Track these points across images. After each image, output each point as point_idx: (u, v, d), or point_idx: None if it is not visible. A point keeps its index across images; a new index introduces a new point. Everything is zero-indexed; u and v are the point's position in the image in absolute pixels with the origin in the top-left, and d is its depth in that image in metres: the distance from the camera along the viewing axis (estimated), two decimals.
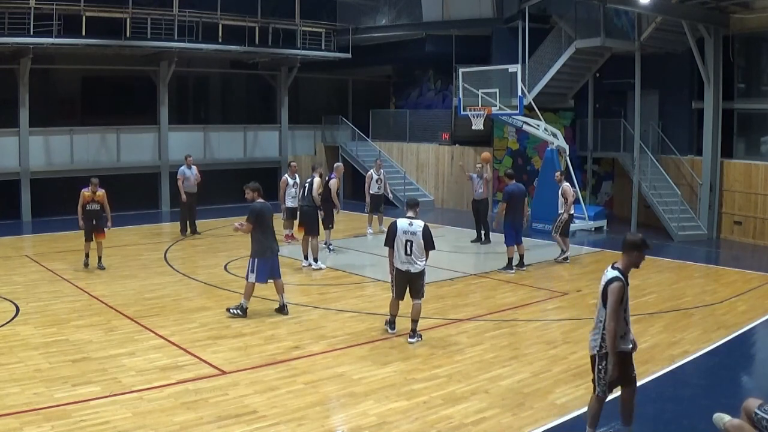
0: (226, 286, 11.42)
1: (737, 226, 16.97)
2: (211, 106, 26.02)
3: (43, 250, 14.70)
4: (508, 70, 17.57)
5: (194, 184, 16.08)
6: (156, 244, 15.09)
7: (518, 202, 12.80)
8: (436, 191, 23.16)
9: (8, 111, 18.97)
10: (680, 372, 7.75)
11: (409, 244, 8.42)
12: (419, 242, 8.40)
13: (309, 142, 25.94)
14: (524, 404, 6.68)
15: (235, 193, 22.96)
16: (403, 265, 8.51)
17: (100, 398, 6.58)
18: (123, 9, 19.04)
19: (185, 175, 15.99)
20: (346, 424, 6.27)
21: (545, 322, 9.74)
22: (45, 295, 10.53)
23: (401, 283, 8.61)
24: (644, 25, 17.49)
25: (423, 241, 8.40)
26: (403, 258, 8.48)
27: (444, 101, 23.92)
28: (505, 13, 21.07)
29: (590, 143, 20.09)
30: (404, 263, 8.50)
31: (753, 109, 17.33)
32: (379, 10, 24.51)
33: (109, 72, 21.41)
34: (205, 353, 7.98)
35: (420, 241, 8.40)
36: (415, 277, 8.54)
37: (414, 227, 8.44)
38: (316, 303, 10.52)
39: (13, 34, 17.46)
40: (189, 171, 16.06)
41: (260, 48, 21.90)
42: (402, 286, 8.63)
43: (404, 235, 8.44)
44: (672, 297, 11.06)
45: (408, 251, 8.43)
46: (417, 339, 8.63)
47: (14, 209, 18.89)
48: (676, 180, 17.73)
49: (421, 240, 8.40)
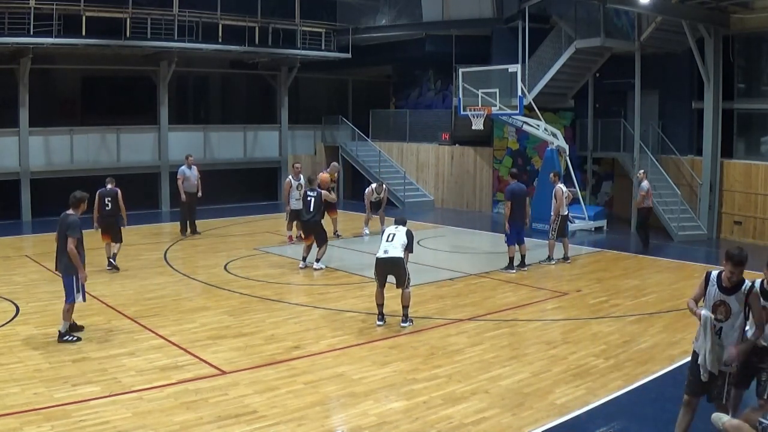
0: (226, 286, 11.42)
1: (737, 226, 16.97)
2: (211, 106, 26.04)
3: (43, 250, 14.67)
4: (508, 70, 17.56)
5: (194, 184, 16.07)
6: (156, 244, 15.09)
7: (520, 201, 12.83)
8: (436, 191, 23.16)
9: (8, 111, 18.98)
10: (680, 372, 7.72)
11: (391, 236, 9.18)
12: (401, 236, 9.13)
13: (309, 142, 25.95)
14: (524, 404, 6.68)
15: (235, 193, 23.10)
16: (381, 250, 9.10)
17: (100, 398, 6.58)
18: (123, 9, 19.05)
19: (185, 175, 15.98)
20: (346, 424, 6.27)
21: (545, 322, 9.74)
22: (45, 295, 10.53)
23: (381, 271, 9.16)
24: (644, 25, 17.50)
25: (405, 237, 9.11)
26: (383, 245, 9.13)
27: (444, 101, 23.92)
28: (505, 13, 21.08)
29: (590, 143, 20.09)
30: (382, 249, 9.11)
31: (753, 109, 17.33)
32: (379, 10, 24.52)
33: (109, 72, 21.43)
34: (205, 353, 7.98)
35: (402, 236, 9.13)
36: (394, 266, 9.08)
37: (398, 229, 9.27)
38: (316, 303, 10.51)
39: (13, 34, 17.47)
40: (189, 171, 16.05)
41: (260, 48, 21.91)
42: (382, 275, 9.17)
43: (388, 229, 9.36)
44: (672, 297, 11.05)
45: (389, 239, 9.14)
46: (408, 324, 9.17)
47: (14, 209, 18.90)
48: (676, 180, 17.73)
49: (404, 236, 9.13)
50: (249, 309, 10.01)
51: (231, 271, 12.57)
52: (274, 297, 10.74)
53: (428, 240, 16.28)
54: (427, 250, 14.97)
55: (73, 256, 8.17)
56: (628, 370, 7.67)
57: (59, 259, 8.47)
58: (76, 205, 8.59)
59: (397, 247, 9.05)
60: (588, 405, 6.61)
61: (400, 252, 9.04)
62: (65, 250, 8.25)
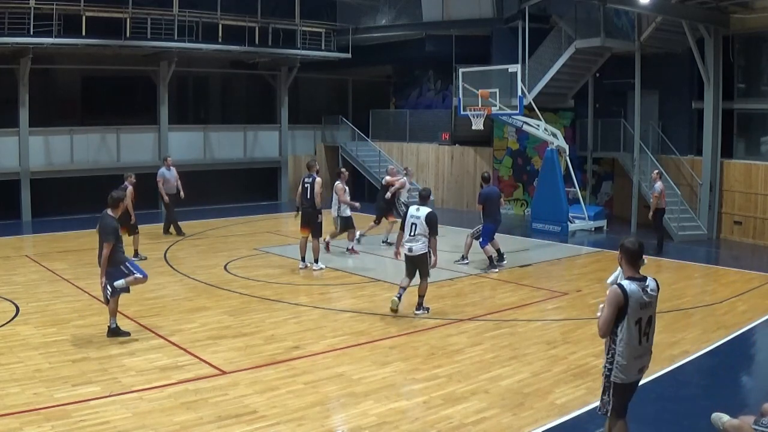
0: (226, 286, 11.42)
1: (737, 226, 16.97)
2: (211, 106, 26.03)
3: (43, 250, 14.71)
4: (508, 70, 17.55)
5: (174, 185, 15.86)
6: (156, 244, 15.08)
7: (494, 203, 13.02)
8: (436, 191, 23.10)
9: (8, 111, 18.96)
10: (680, 372, 7.75)
11: (413, 227, 9.51)
12: (422, 226, 9.42)
13: (309, 142, 25.95)
14: (524, 404, 6.68)
15: (235, 193, 23.10)
16: (406, 246, 9.61)
17: (100, 398, 6.58)
18: (123, 9, 19.04)
19: (165, 177, 15.83)
20: (346, 424, 6.27)
21: (545, 322, 9.73)
22: (45, 295, 10.53)
23: (407, 264, 9.75)
24: (644, 25, 17.50)
25: (426, 224, 9.39)
26: (407, 239, 9.59)
27: (444, 101, 23.93)
28: (505, 13, 21.07)
29: (590, 143, 20.08)
30: (407, 243, 9.59)
31: (753, 109, 17.33)
32: (379, 10, 24.51)
33: (109, 72, 21.41)
34: (205, 353, 7.98)
35: (423, 224, 9.41)
36: (416, 259, 9.57)
37: (420, 212, 9.52)
38: (316, 303, 10.51)
39: (13, 34, 17.45)
40: (169, 172, 15.91)
41: (260, 48, 21.90)
42: (408, 267, 9.75)
43: (410, 219, 9.59)
44: (672, 297, 11.05)
45: (412, 233, 9.51)
46: (423, 312, 9.72)
47: (14, 209, 18.89)
48: (676, 180, 17.73)
49: (425, 224, 9.39)
50: (249, 309, 10.01)
51: (231, 271, 12.57)
52: (274, 297, 10.74)
53: None
54: None
55: (103, 263, 8.22)
56: None
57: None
58: (115, 205, 8.46)
59: (419, 241, 9.49)
60: (588, 405, 6.60)
61: (423, 247, 9.50)
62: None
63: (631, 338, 4.94)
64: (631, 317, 4.90)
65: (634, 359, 5.00)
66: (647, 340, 5.05)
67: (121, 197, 8.66)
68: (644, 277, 5.02)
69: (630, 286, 4.90)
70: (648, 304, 4.96)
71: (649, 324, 5.02)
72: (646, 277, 5.04)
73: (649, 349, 5.11)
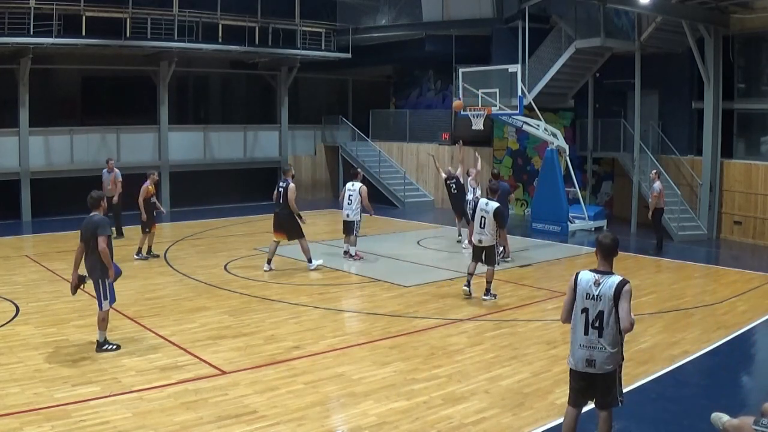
0: (226, 286, 11.42)
1: (737, 226, 16.97)
2: (211, 106, 26.05)
3: (43, 250, 14.70)
4: (508, 70, 17.54)
5: (108, 189, 15.21)
6: (156, 244, 15.03)
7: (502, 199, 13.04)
8: (436, 191, 23.14)
9: (8, 111, 18.98)
10: (680, 372, 7.75)
11: (482, 220, 10.32)
12: (490, 219, 10.26)
13: (309, 142, 25.95)
14: (524, 404, 6.68)
15: (235, 193, 23.10)
16: (476, 237, 10.43)
17: (100, 398, 6.58)
18: (123, 9, 19.05)
19: (102, 180, 15.60)
20: (346, 424, 6.27)
21: (545, 322, 9.73)
22: (45, 295, 10.53)
23: (475, 251, 10.57)
24: (644, 25, 17.49)
25: (493, 218, 10.23)
26: (477, 229, 10.38)
27: (444, 101, 23.92)
28: (505, 13, 21.06)
29: (590, 143, 20.08)
30: (476, 235, 10.41)
31: (753, 109, 17.33)
32: (379, 10, 24.52)
33: (109, 72, 21.42)
34: (205, 353, 7.98)
35: (491, 219, 10.24)
36: (484, 249, 10.40)
37: (489, 207, 10.34)
38: (316, 303, 10.51)
39: (13, 34, 17.46)
40: (107, 175, 15.64)
41: (260, 48, 21.91)
42: (475, 254, 10.57)
43: (479, 212, 10.37)
44: (672, 297, 11.06)
45: (482, 225, 10.33)
46: (489, 297, 10.45)
47: (14, 209, 18.89)
48: (676, 180, 17.73)
49: (492, 218, 10.23)
50: (249, 309, 10.01)
51: (231, 271, 12.57)
52: (274, 297, 10.74)
53: (428, 240, 16.28)
54: (427, 250, 14.98)
55: (104, 255, 7.82)
56: (628, 370, 7.61)
57: (87, 261, 8.03)
58: (96, 205, 8.22)
59: (488, 234, 10.32)
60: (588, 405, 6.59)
61: (491, 239, 10.38)
62: (95, 250, 7.87)
63: (576, 324, 5.25)
64: (579, 304, 5.19)
65: (578, 347, 5.25)
66: (598, 336, 5.13)
67: (101, 196, 8.46)
68: (608, 274, 5.12)
69: (584, 275, 5.16)
70: (596, 297, 5.09)
71: (599, 319, 5.09)
72: (612, 274, 5.13)
73: (602, 346, 5.14)
